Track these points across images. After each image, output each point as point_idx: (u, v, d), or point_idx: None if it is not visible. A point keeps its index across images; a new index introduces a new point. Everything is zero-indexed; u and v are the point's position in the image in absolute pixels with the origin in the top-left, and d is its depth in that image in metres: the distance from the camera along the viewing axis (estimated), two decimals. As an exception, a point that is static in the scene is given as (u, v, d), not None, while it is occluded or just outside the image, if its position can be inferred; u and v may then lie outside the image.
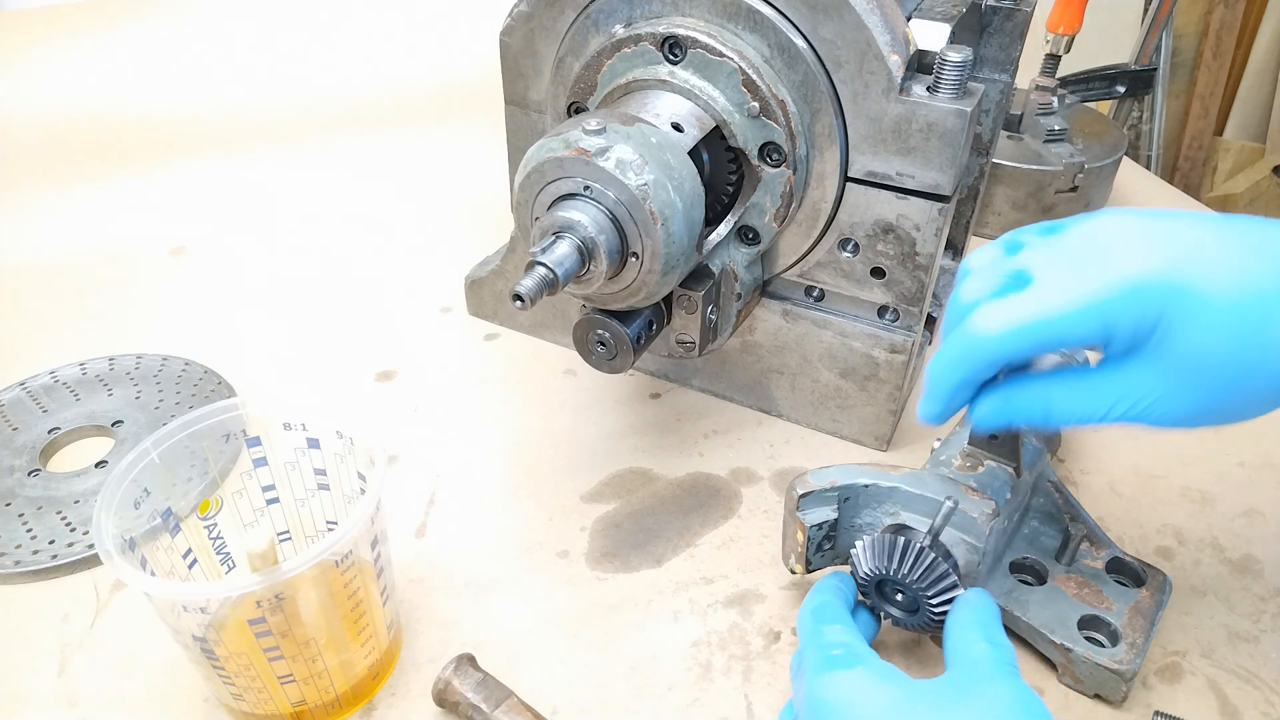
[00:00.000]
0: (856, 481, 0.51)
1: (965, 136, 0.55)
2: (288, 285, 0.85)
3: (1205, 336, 0.38)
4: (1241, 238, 0.40)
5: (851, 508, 0.52)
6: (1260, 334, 0.38)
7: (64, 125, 1.10)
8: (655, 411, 0.71)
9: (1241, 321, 0.38)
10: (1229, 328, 0.38)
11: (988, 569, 0.51)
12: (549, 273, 0.47)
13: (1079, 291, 0.40)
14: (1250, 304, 0.38)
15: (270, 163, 1.05)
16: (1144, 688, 0.52)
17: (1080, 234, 0.42)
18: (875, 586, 0.49)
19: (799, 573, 0.53)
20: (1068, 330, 0.40)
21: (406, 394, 0.73)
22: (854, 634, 0.44)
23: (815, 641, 0.44)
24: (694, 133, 0.55)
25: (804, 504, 0.51)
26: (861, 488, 0.51)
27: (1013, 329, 0.41)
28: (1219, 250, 0.39)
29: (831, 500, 0.51)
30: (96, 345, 0.75)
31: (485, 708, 0.48)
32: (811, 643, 0.44)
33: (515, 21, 0.63)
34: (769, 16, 0.55)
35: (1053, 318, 0.40)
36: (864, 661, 0.42)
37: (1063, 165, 0.88)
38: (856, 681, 0.41)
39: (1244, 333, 0.38)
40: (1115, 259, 0.40)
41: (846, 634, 0.44)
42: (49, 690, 0.51)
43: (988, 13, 0.69)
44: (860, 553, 0.49)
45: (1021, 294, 0.41)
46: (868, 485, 0.51)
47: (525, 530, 0.61)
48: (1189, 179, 2.09)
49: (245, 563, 0.48)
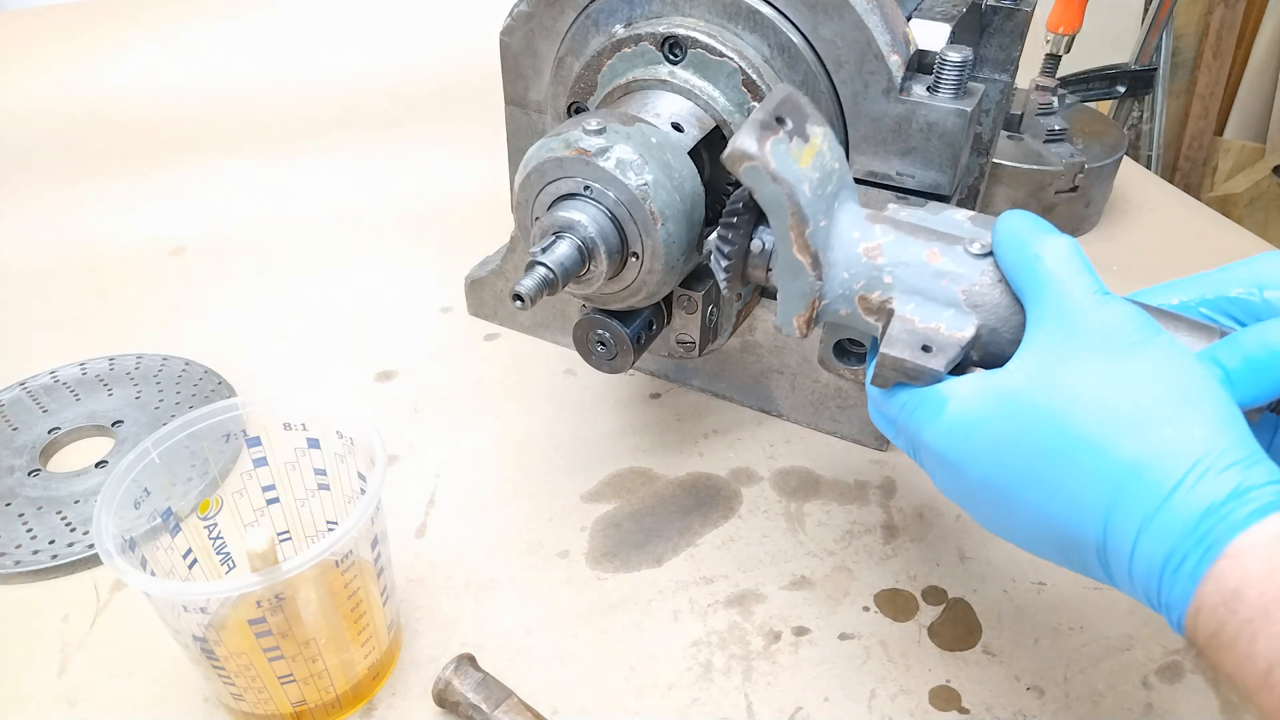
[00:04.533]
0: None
1: (965, 136, 0.55)
2: (288, 285, 0.85)
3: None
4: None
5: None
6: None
7: (64, 125, 1.10)
8: (655, 411, 0.71)
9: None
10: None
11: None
12: (549, 273, 0.47)
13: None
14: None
15: (270, 163, 1.05)
16: (1144, 687, 0.52)
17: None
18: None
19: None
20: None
21: (406, 394, 0.73)
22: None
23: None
24: (694, 133, 0.55)
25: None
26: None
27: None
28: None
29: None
30: (96, 345, 0.75)
31: (485, 708, 0.48)
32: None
33: (515, 21, 0.63)
34: (769, 16, 0.55)
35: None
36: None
37: (1063, 165, 0.88)
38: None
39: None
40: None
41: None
42: (49, 690, 0.51)
43: (988, 13, 0.69)
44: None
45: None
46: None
47: (525, 530, 0.61)
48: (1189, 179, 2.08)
49: (245, 563, 0.48)
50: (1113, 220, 0.97)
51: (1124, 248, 0.93)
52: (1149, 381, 0.35)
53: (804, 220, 0.42)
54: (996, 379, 0.39)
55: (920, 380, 0.41)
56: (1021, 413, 0.37)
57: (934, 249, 0.43)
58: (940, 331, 0.41)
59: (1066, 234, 0.40)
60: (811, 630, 0.55)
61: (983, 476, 0.38)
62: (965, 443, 0.39)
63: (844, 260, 0.44)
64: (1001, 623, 0.56)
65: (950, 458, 0.39)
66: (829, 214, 0.44)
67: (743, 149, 0.41)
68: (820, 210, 0.43)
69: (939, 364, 0.40)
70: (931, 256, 0.42)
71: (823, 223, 0.43)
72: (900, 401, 0.42)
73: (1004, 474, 0.38)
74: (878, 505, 0.64)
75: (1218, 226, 0.98)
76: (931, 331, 0.41)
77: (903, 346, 0.41)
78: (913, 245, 0.43)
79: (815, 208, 0.43)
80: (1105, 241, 0.94)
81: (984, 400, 0.38)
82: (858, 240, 0.44)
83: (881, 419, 0.45)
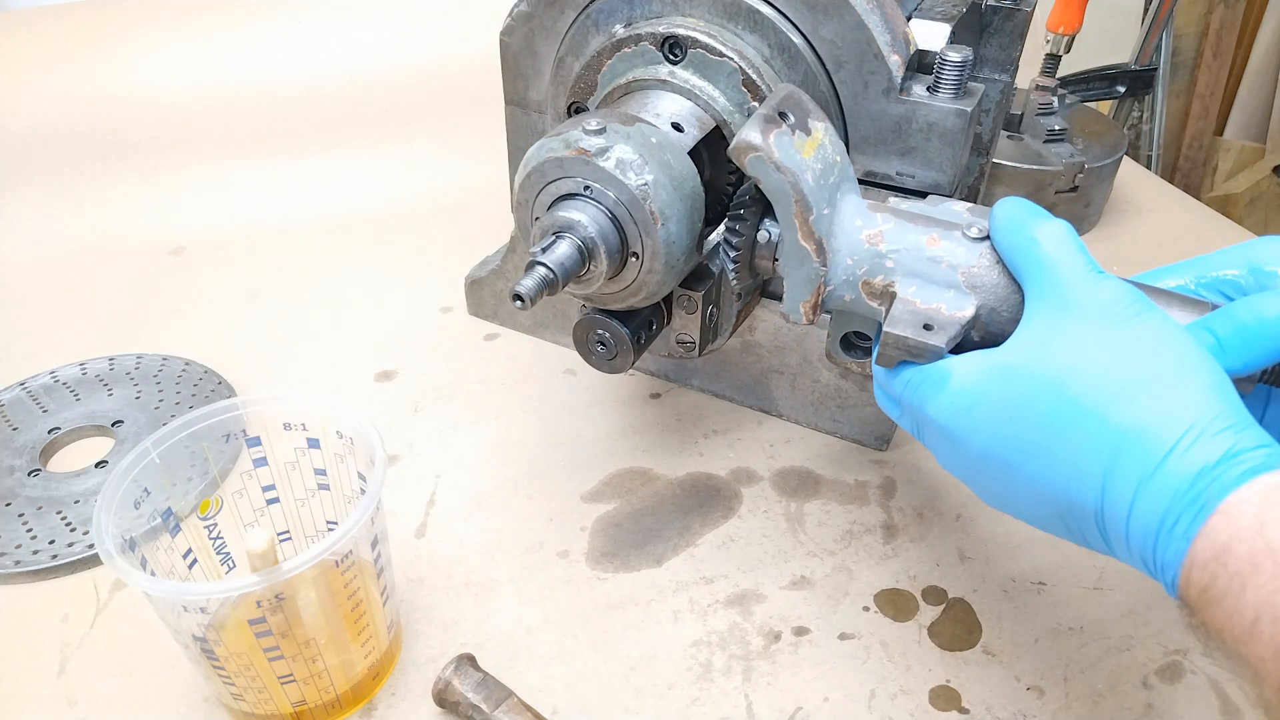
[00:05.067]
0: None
1: (965, 136, 0.55)
2: (288, 285, 0.85)
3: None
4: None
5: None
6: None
7: (64, 125, 1.10)
8: (655, 411, 0.71)
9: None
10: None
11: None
12: (549, 273, 0.47)
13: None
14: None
15: (270, 163, 1.05)
16: (1144, 687, 0.52)
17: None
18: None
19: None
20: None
21: (406, 394, 0.73)
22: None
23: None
24: (694, 133, 0.55)
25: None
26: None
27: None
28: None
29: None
30: (96, 345, 0.75)
31: (485, 708, 0.48)
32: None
33: (515, 21, 0.63)
34: (769, 16, 0.55)
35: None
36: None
37: (1063, 165, 0.88)
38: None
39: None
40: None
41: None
42: (49, 690, 0.51)
43: (988, 13, 0.69)
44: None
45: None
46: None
47: (525, 530, 0.61)
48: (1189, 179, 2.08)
49: (245, 563, 0.48)
50: (1113, 220, 0.97)
51: (1124, 248, 0.93)
52: (1144, 352, 0.37)
53: (808, 207, 0.44)
54: (997, 354, 0.40)
55: (923, 357, 0.42)
56: (1021, 384, 0.39)
57: (933, 234, 0.44)
58: (941, 311, 0.43)
59: (1061, 219, 0.42)
60: (811, 630, 0.55)
61: (984, 448, 0.40)
62: (967, 415, 0.40)
63: (847, 247, 0.46)
64: (1001, 623, 0.56)
65: (953, 430, 0.41)
66: (832, 203, 0.46)
67: (748, 140, 0.44)
68: (823, 199, 0.45)
69: (940, 340, 0.42)
70: (931, 242, 0.44)
71: (825, 211, 0.45)
72: (904, 379, 0.43)
73: (1005, 444, 0.39)
74: (878, 505, 0.64)
75: (1218, 226, 0.98)
76: (933, 311, 0.43)
77: (905, 325, 0.43)
78: (912, 231, 0.45)
79: (818, 196, 0.45)
80: (1105, 241, 0.94)
81: (985, 373, 0.40)
82: (860, 228, 0.46)
83: (886, 399, 0.46)
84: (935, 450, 0.44)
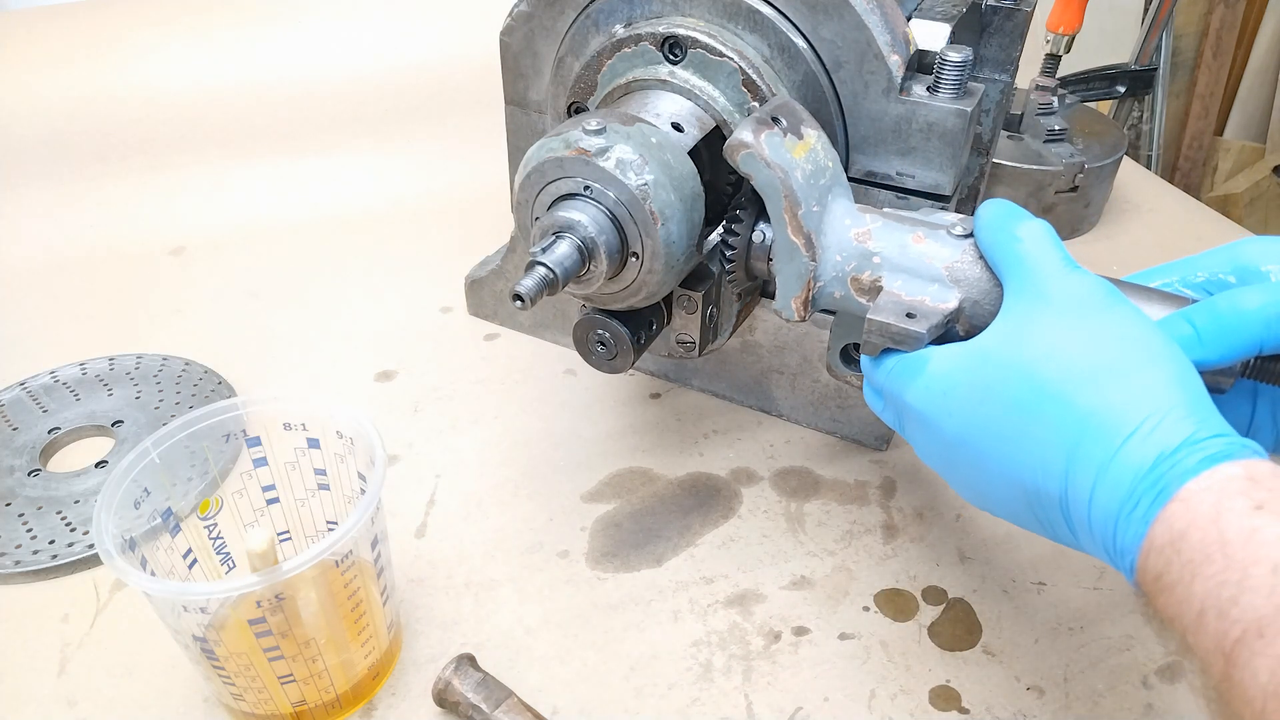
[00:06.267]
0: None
1: (965, 136, 0.55)
2: (288, 285, 0.85)
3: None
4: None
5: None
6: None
7: (64, 125, 1.10)
8: (655, 411, 0.71)
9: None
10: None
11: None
12: (549, 273, 0.47)
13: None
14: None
15: (270, 163, 1.05)
16: (1144, 687, 0.52)
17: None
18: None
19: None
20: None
21: (406, 394, 0.73)
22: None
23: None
24: (694, 133, 0.55)
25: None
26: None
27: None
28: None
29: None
30: (96, 345, 0.75)
31: (485, 708, 0.48)
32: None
33: (515, 21, 0.63)
34: (769, 16, 0.55)
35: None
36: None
37: (1063, 165, 0.88)
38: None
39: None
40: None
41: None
42: (49, 690, 0.51)
43: (988, 13, 0.69)
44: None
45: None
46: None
47: (525, 530, 0.61)
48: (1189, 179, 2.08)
49: (245, 563, 0.48)
50: (1113, 220, 0.97)
51: (1124, 248, 0.93)
52: (1111, 340, 0.38)
53: (796, 202, 0.47)
54: (973, 342, 0.42)
55: (905, 345, 0.44)
56: (994, 369, 0.40)
57: (919, 233, 0.47)
58: (925, 303, 0.45)
59: (1042, 219, 0.44)
60: (811, 630, 0.55)
61: (957, 433, 0.41)
62: (942, 399, 0.42)
63: (836, 244, 0.48)
64: (1001, 623, 0.56)
65: (928, 415, 0.42)
66: (822, 202, 0.48)
67: (740, 138, 0.46)
68: (813, 197, 0.47)
69: (921, 328, 0.44)
70: (916, 239, 0.46)
71: (815, 208, 0.47)
72: (887, 368, 0.45)
73: (976, 429, 0.40)
74: (878, 505, 0.64)
75: (1218, 226, 0.98)
76: (917, 303, 0.45)
77: (888, 313, 0.44)
78: (899, 230, 0.47)
79: (807, 193, 0.47)
80: (1105, 241, 0.94)
81: (960, 359, 0.42)
82: (849, 227, 0.48)
83: (872, 393, 0.48)
84: (913, 439, 0.45)
